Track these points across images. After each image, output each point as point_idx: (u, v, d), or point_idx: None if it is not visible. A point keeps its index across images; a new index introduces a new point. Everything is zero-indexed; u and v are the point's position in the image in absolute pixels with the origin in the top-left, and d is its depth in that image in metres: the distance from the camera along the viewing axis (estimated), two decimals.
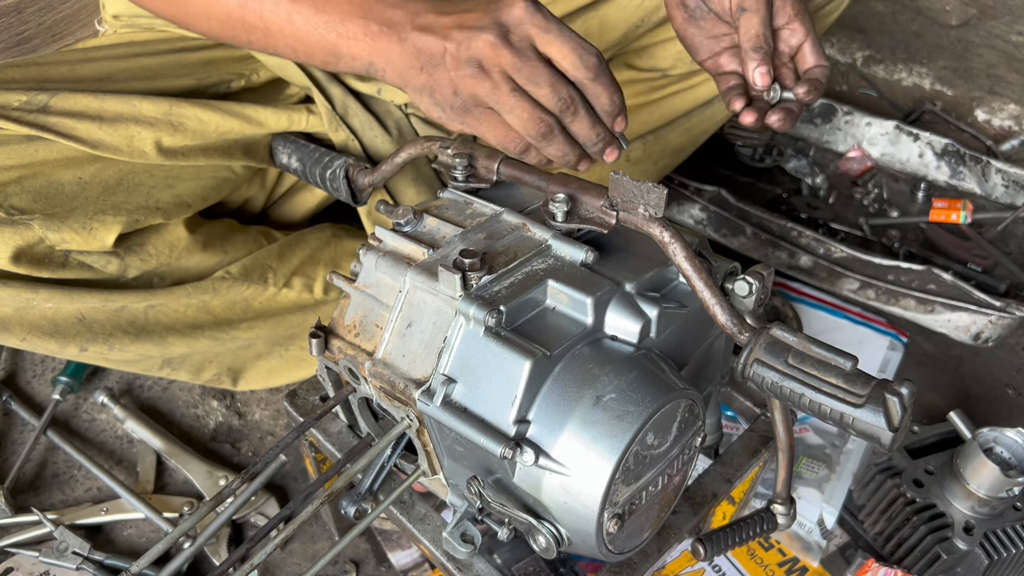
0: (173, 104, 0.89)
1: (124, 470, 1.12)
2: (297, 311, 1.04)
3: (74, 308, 0.85)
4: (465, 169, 0.77)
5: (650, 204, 0.67)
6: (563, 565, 0.99)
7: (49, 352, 0.88)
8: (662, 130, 1.22)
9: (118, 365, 0.97)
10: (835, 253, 1.34)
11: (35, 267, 0.80)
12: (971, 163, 1.54)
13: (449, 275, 0.63)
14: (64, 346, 0.86)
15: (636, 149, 1.23)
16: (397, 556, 1.03)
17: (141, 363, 0.96)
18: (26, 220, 0.78)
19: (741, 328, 0.63)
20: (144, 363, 0.96)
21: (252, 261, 0.99)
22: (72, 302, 0.84)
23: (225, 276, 0.96)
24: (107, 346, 0.89)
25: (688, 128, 1.23)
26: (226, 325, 0.97)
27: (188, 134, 0.89)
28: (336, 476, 0.71)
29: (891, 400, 0.55)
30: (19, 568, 0.98)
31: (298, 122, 0.98)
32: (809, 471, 1.10)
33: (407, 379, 0.65)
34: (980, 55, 1.96)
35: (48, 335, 0.85)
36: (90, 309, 0.86)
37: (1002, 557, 0.96)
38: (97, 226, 0.82)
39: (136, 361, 0.95)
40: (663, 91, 1.18)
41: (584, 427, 0.60)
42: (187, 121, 0.89)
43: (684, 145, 1.27)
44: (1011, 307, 1.23)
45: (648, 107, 1.19)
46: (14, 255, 0.78)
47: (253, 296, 0.98)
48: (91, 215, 0.82)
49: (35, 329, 0.84)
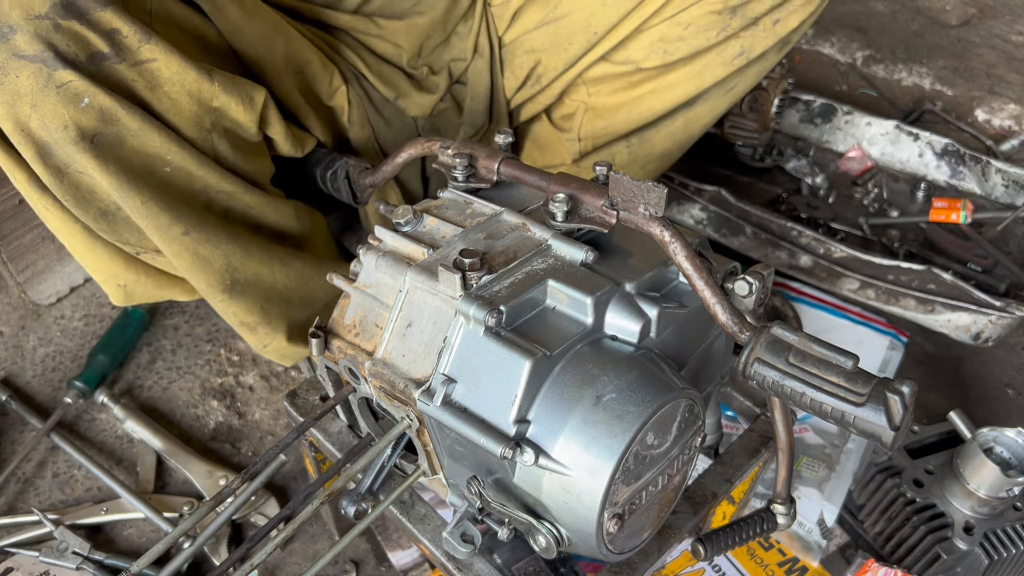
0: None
1: (124, 470, 1.12)
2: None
3: (199, 178, 0.85)
4: (465, 169, 0.77)
5: (650, 203, 0.67)
6: (563, 565, 0.99)
7: (160, 227, 0.86)
8: (646, 131, 1.21)
9: (191, 270, 0.93)
10: (835, 253, 1.34)
11: (187, 123, 0.81)
12: (971, 163, 1.54)
13: (449, 275, 0.63)
14: (174, 222, 0.85)
15: (621, 152, 1.23)
16: (397, 556, 1.03)
17: (216, 274, 0.93)
18: (208, 71, 0.79)
19: (742, 327, 0.62)
20: (218, 275, 0.94)
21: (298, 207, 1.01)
22: (200, 169, 0.84)
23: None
24: (204, 235, 0.88)
25: (672, 132, 1.23)
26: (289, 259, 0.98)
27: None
28: (336, 476, 0.71)
29: (892, 399, 0.55)
30: (19, 568, 0.98)
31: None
32: (809, 471, 1.10)
33: (407, 379, 0.65)
34: (980, 55, 1.96)
35: (168, 205, 0.84)
36: (212, 183, 0.87)
37: (1002, 557, 0.96)
38: (255, 94, 0.85)
39: (214, 269, 0.93)
40: (640, 88, 1.18)
41: (584, 427, 0.60)
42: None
43: (670, 150, 1.26)
44: (1011, 307, 1.23)
45: (627, 106, 1.19)
46: (176, 102, 0.79)
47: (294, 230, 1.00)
48: (250, 84, 0.85)
49: (160, 192, 0.83)
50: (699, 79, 1.14)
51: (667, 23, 1.09)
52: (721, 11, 1.06)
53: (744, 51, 1.11)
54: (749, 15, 1.07)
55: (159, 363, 1.26)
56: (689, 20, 1.07)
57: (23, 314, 1.33)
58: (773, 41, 1.11)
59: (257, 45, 0.91)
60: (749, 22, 1.08)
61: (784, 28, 1.10)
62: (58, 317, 1.33)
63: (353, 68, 1.03)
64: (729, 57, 1.12)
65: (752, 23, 1.08)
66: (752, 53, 1.12)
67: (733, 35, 1.09)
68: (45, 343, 1.29)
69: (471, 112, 1.09)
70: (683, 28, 1.09)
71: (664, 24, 1.09)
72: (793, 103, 1.66)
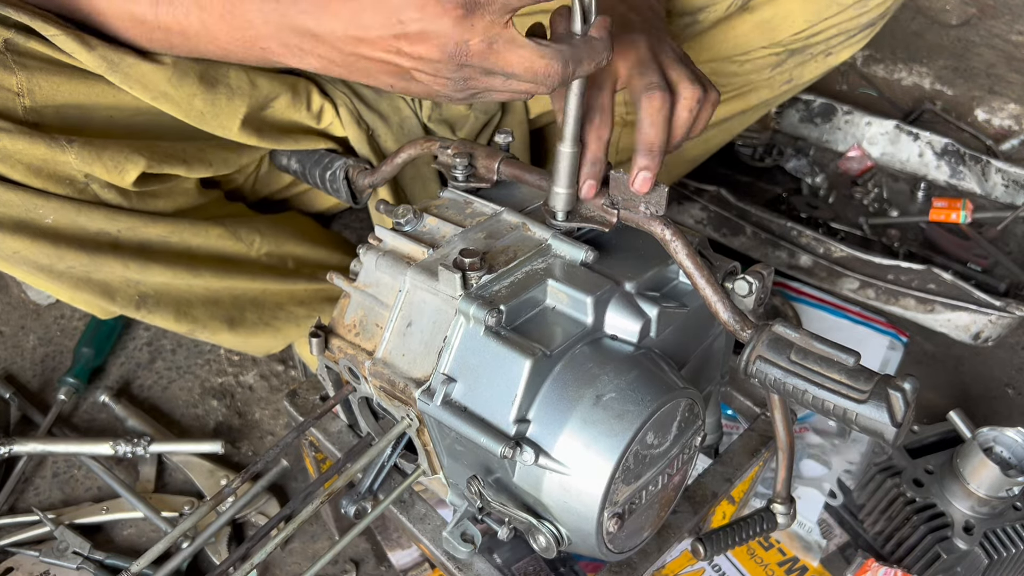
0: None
1: (124, 469, 1.12)
2: (271, 281, 1.04)
3: (79, 223, 0.84)
4: (465, 169, 0.77)
5: (651, 202, 0.67)
6: (563, 564, 0.99)
7: (39, 268, 0.84)
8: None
9: (84, 297, 0.92)
10: (835, 253, 1.34)
11: (53, 184, 0.79)
12: (971, 163, 1.54)
13: (449, 274, 0.63)
14: (57, 261, 0.84)
15: None
16: (397, 556, 1.03)
17: (120, 292, 0.93)
18: (63, 143, 0.77)
19: (743, 325, 0.62)
20: (123, 293, 0.93)
21: (243, 224, 0.99)
22: (79, 216, 0.83)
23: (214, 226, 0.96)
24: (95, 264, 0.87)
25: (705, 140, 1.23)
26: (203, 267, 0.96)
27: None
28: (336, 476, 0.71)
29: (894, 395, 0.55)
30: (19, 568, 0.98)
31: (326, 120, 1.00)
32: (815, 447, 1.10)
33: (407, 378, 0.65)
34: (980, 55, 1.95)
35: (51, 248, 0.83)
36: (105, 225, 0.85)
37: (1002, 557, 0.96)
38: (128, 165, 0.82)
39: (115, 289, 0.92)
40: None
41: (584, 426, 0.60)
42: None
43: (699, 156, 1.27)
44: (1011, 307, 1.23)
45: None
46: (35, 169, 0.77)
47: (234, 250, 0.98)
48: (125, 153, 0.82)
49: (41, 240, 0.82)
50: (744, 102, 1.15)
51: (724, 61, 1.09)
52: (780, 52, 1.07)
53: (793, 79, 1.12)
54: (807, 53, 1.08)
55: (159, 363, 1.26)
56: (746, 58, 1.08)
57: (23, 314, 1.33)
58: (823, 71, 1.12)
59: (188, 108, 0.85)
60: (806, 58, 1.09)
61: (835, 60, 1.11)
62: (58, 317, 1.33)
63: None
64: (777, 84, 1.13)
65: (807, 59, 1.09)
66: (800, 81, 1.13)
67: (786, 68, 1.10)
68: (45, 343, 1.29)
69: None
70: (739, 65, 1.09)
71: (721, 62, 1.09)
72: (793, 103, 1.66)
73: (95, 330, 1.24)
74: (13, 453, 1.08)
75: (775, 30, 1.03)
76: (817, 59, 1.09)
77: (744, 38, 1.05)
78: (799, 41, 1.04)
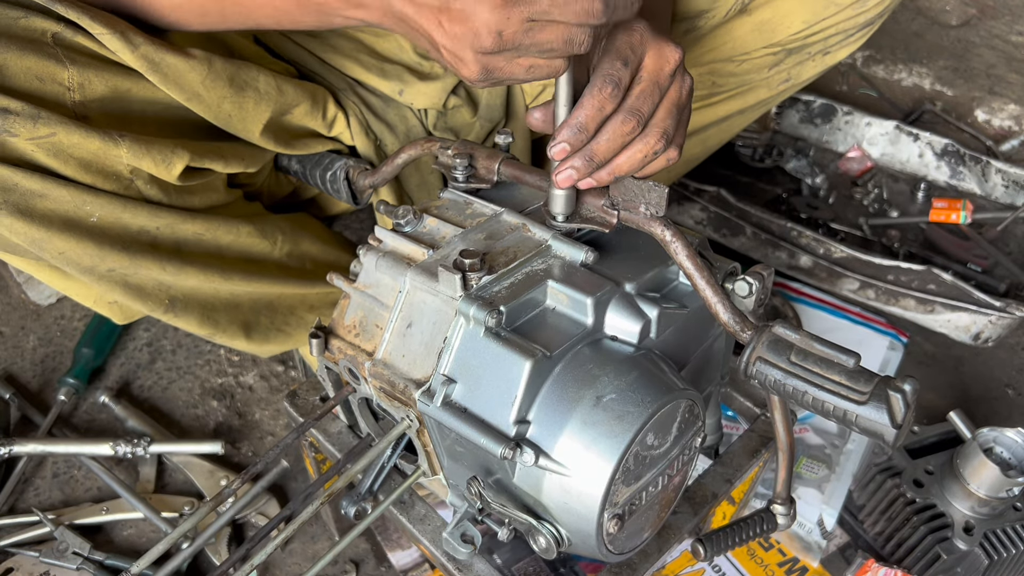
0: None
1: (124, 470, 1.12)
2: (290, 284, 1.04)
3: (123, 221, 0.84)
4: (465, 169, 0.77)
5: (651, 203, 0.67)
6: (563, 565, 0.99)
7: (83, 269, 0.85)
8: None
9: (117, 299, 0.94)
10: (835, 253, 1.34)
11: (102, 179, 0.80)
12: (971, 163, 1.54)
13: (449, 275, 0.63)
14: (100, 262, 0.84)
15: None
16: (397, 556, 1.03)
17: (152, 296, 0.94)
18: (116, 137, 0.78)
19: (743, 326, 0.62)
20: (154, 296, 0.94)
21: (268, 222, 1.01)
22: (123, 212, 0.83)
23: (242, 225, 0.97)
24: (135, 267, 0.87)
25: (704, 139, 1.23)
26: (231, 269, 0.97)
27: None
28: (336, 476, 0.71)
29: (894, 397, 0.55)
30: (19, 568, 0.98)
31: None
32: (809, 471, 1.10)
33: (407, 379, 0.65)
34: (980, 55, 1.95)
35: (95, 248, 0.83)
36: (146, 223, 0.86)
37: (1002, 557, 0.96)
38: (175, 159, 0.83)
39: (148, 293, 0.93)
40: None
41: (584, 427, 0.60)
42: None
43: (699, 155, 1.27)
44: (1011, 307, 1.23)
45: None
46: (86, 164, 0.78)
47: (260, 249, 0.99)
48: (171, 147, 0.83)
49: (87, 239, 0.82)
50: (742, 101, 1.15)
51: (722, 62, 1.09)
52: (778, 52, 1.07)
53: (791, 78, 1.12)
54: (804, 53, 1.08)
55: (159, 363, 1.26)
56: (745, 58, 1.08)
57: (23, 314, 1.33)
58: (820, 70, 1.12)
59: (217, 110, 0.87)
60: (803, 58, 1.09)
61: (833, 59, 1.11)
62: (58, 317, 1.33)
63: (348, 78, 1.02)
64: (775, 83, 1.13)
65: (805, 58, 1.09)
66: (798, 80, 1.13)
67: (784, 68, 1.10)
68: (45, 343, 1.29)
69: (488, 106, 1.07)
70: (737, 65, 1.09)
71: (719, 63, 1.09)
72: (793, 103, 1.66)
73: (95, 330, 1.24)
74: (13, 453, 1.09)
75: (773, 31, 1.03)
76: (815, 58, 1.10)
77: (742, 40, 1.05)
78: (797, 41, 1.05)
